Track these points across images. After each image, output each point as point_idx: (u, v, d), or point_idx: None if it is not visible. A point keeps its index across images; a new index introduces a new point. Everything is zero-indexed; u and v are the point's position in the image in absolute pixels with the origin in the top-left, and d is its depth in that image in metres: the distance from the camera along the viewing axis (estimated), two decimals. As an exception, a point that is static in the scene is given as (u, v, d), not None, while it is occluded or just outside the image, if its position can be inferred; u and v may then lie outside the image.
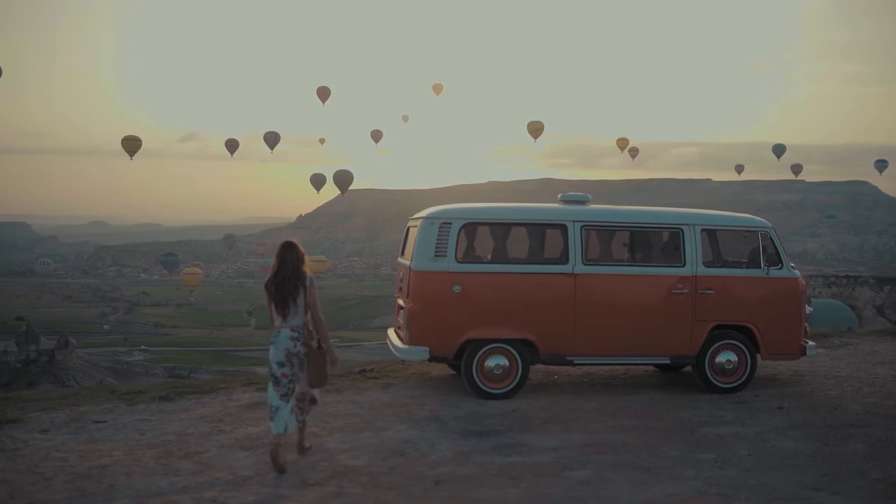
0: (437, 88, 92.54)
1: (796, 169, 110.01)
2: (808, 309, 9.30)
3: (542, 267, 8.63)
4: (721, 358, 8.78)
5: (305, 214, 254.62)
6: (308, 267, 6.35)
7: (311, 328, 6.31)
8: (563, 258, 8.55)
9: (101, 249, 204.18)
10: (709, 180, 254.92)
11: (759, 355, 8.89)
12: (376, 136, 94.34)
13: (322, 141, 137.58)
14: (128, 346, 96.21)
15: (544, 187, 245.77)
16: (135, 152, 74.91)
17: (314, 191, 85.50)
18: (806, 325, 9.21)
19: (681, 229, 8.78)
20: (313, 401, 6.54)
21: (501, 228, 8.77)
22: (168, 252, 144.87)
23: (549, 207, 9.01)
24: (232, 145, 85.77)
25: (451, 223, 8.45)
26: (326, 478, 5.83)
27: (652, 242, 9.09)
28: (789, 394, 8.77)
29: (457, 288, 8.32)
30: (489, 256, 8.77)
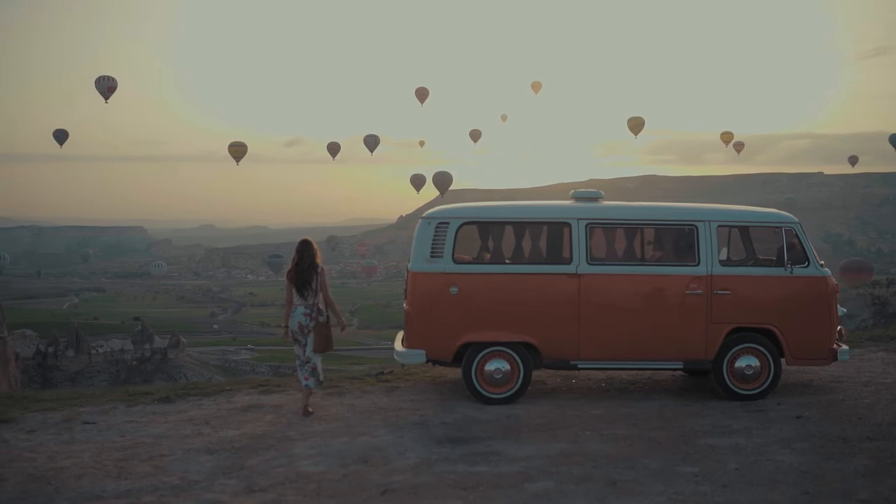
0: (536, 86, 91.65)
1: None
2: (841, 310, 8.60)
3: (544, 267, 8.27)
4: (741, 363, 8.22)
5: (406, 215, 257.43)
6: (320, 259, 7.94)
7: (321, 307, 7.83)
8: (567, 258, 8.18)
9: (211, 252, 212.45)
10: (820, 173, 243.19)
11: (783, 360, 8.30)
12: (475, 135, 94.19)
13: (422, 143, 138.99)
14: (236, 345, 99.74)
15: (647, 184, 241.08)
16: (241, 158, 77.26)
17: (414, 191, 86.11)
18: (840, 327, 8.53)
19: (695, 226, 8.27)
20: (315, 370, 7.80)
21: (501, 228, 8.47)
22: (274, 254, 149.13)
23: (551, 205, 8.65)
24: (334, 149, 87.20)
25: (448, 223, 8.22)
26: (274, 484, 5.72)
27: (663, 240, 8.60)
28: (816, 402, 8.11)
29: (454, 289, 8.09)
30: (488, 257, 8.48)
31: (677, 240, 8.47)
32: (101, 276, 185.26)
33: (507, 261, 8.46)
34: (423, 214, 8.46)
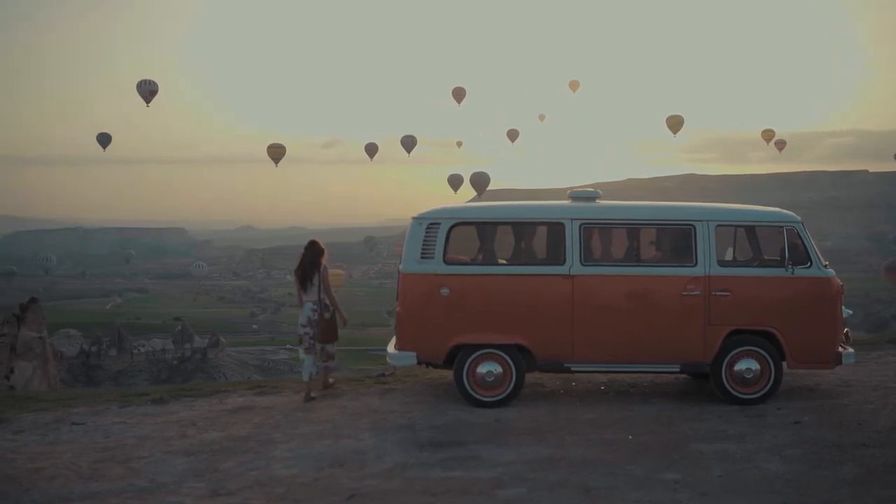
0: (574, 85, 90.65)
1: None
2: (846, 312, 8.32)
3: (537, 268, 8.14)
4: (741, 366, 7.99)
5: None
6: (325, 258, 8.64)
7: (326, 302, 8.55)
8: (560, 258, 8.03)
9: (251, 253, 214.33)
10: (865, 171, 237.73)
11: (784, 364, 8.05)
12: (512, 135, 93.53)
13: (459, 144, 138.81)
14: (274, 345, 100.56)
15: (687, 183, 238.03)
16: (279, 159, 77.72)
17: (452, 192, 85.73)
18: (846, 329, 8.26)
19: (693, 226, 8.06)
20: (331, 356, 8.73)
21: (493, 228, 8.36)
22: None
23: (545, 205, 8.52)
24: (371, 149, 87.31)
25: (439, 223, 8.12)
26: (243, 487, 5.68)
27: (660, 241, 8.41)
28: (818, 406, 7.85)
29: (444, 291, 7.99)
30: (480, 257, 8.37)
31: (674, 240, 8.27)
32: (144, 276, 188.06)
33: (500, 261, 8.35)
34: (414, 215, 8.37)
